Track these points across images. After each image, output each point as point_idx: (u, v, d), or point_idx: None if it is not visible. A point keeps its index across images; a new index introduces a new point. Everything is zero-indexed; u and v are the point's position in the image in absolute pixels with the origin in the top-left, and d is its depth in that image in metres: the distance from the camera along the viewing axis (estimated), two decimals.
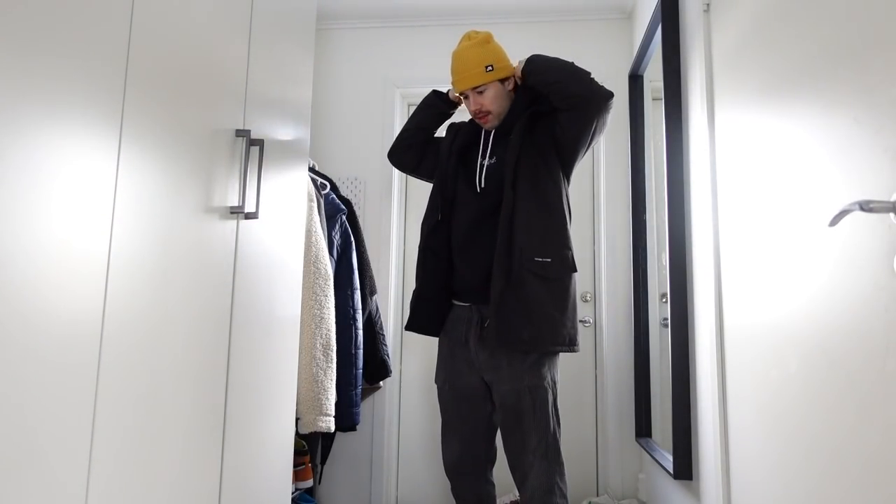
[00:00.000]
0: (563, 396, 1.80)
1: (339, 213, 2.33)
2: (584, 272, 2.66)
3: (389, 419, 2.66)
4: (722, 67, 1.59)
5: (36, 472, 0.74)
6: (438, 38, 2.76)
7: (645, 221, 2.43)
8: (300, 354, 1.91)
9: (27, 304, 0.73)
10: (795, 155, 1.14)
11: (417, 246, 1.89)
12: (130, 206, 0.93)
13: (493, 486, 1.84)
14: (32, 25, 0.74)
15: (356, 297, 2.27)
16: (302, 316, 1.91)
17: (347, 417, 2.18)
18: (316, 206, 2.15)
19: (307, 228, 2.01)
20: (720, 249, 1.57)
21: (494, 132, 1.84)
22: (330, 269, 2.14)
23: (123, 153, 0.91)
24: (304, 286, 1.93)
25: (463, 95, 1.84)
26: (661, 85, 1.96)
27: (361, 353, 2.27)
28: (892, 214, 0.80)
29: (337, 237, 2.29)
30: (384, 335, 2.50)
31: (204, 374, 1.17)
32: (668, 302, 1.88)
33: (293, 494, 2.06)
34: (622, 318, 2.59)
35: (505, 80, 1.81)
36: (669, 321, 1.86)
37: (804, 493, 1.11)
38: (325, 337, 2.05)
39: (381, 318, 2.52)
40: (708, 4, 1.68)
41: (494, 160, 1.81)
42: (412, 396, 2.74)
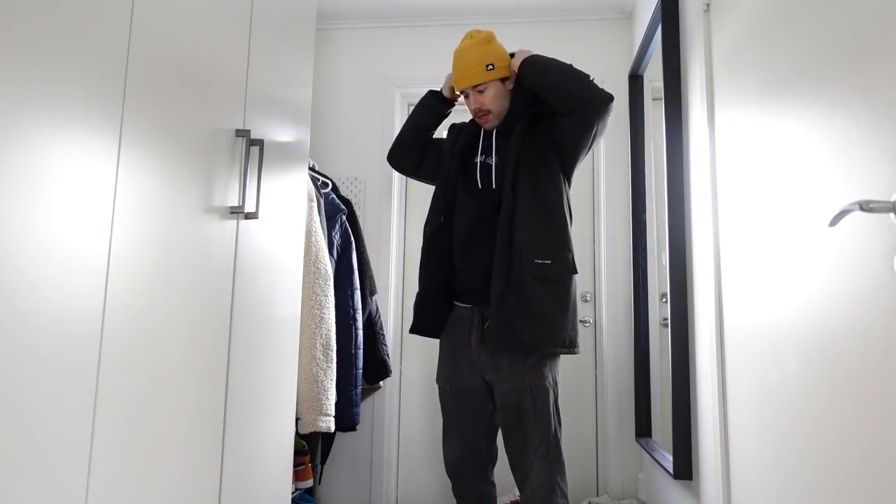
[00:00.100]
0: (563, 396, 1.80)
1: (339, 213, 2.33)
2: (584, 272, 2.66)
3: (389, 419, 2.66)
4: (722, 67, 1.59)
5: (36, 471, 0.74)
6: (439, 38, 2.76)
7: (645, 221, 2.43)
8: (300, 354, 1.92)
9: (27, 303, 0.73)
10: (795, 155, 1.14)
11: (420, 248, 1.88)
12: (130, 206, 0.93)
13: (493, 486, 1.84)
14: (32, 28, 0.74)
15: (356, 297, 2.28)
16: (302, 316, 1.91)
17: (347, 417, 2.19)
18: (316, 206, 2.15)
19: (307, 228, 2.01)
20: (720, 249, 1.57)
21: (495, 132, 1.84)
22: (330, 269, 2.14)
23: (123, 154, 0.91)
24: (304, 286, 1.93)
25: (464, 94, 1.84)
26: (661, 85, 1.96)
27: (361, 353, 2.27)
28: (891, 214, 0.80)
29: (337, 237, 2.29)
30: (384, 335, 2.50)
31: (204, 373, 1.17)
32: (668, 302, 1.88)
33: (293, 494, 2.06)
34: (622, 318, 2.59)
35: (505, 79, 1.81)
36: (669, 321, 1.86)
37: (800, 490, 1.11)
38: (325, 337, 2.05)
39: (381, 318, 2.52)
40: (708, 4, 1.68)
41: (495, 161, 1.80)
42: (412, 396, 2.74)
